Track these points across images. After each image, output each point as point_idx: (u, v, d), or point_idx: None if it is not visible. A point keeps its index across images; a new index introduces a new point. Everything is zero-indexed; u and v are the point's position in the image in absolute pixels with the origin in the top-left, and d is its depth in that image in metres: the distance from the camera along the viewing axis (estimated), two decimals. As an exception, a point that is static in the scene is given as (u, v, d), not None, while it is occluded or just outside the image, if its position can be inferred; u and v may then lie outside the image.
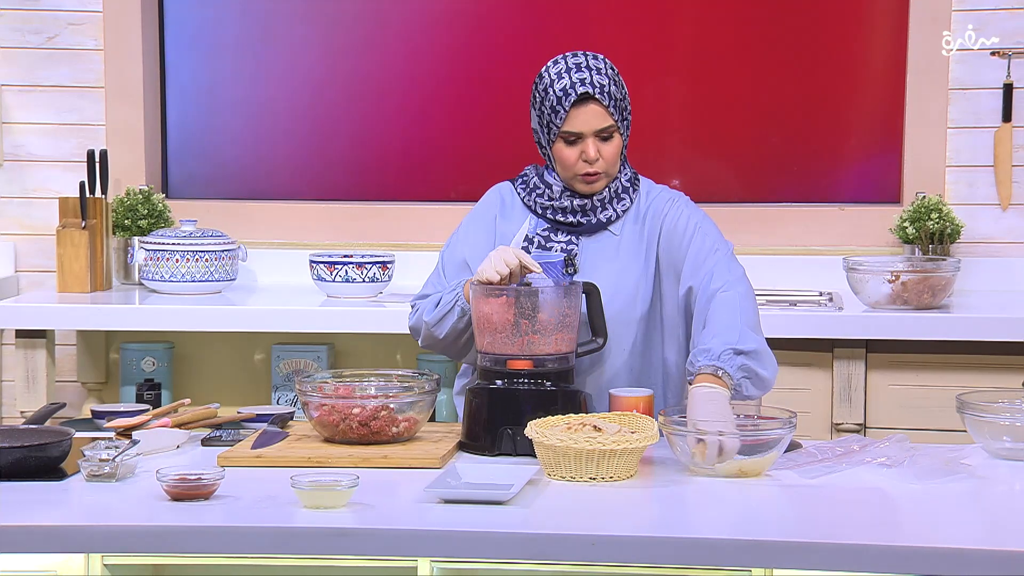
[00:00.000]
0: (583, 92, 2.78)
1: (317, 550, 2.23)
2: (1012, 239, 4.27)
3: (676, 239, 2.84)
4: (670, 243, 2.85)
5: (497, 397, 2.69)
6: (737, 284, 2.77)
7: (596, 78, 2.79)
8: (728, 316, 2.71)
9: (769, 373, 2.71)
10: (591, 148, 2.80)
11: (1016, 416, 2.63)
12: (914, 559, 2.11)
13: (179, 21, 4.60)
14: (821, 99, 4.38)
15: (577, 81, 2.79)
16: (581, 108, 2.79)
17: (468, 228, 2.95)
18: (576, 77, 2.79)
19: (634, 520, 2.33)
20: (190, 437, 2.79)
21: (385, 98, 4.56)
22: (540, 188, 2.89)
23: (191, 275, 4.12)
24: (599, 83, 2.79)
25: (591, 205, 2.85)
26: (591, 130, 2.79)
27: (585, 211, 2.86)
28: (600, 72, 2.80)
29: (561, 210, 2.86)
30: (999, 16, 4.23)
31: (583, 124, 2.79)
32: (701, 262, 2.80)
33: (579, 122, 2.79)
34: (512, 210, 2.93)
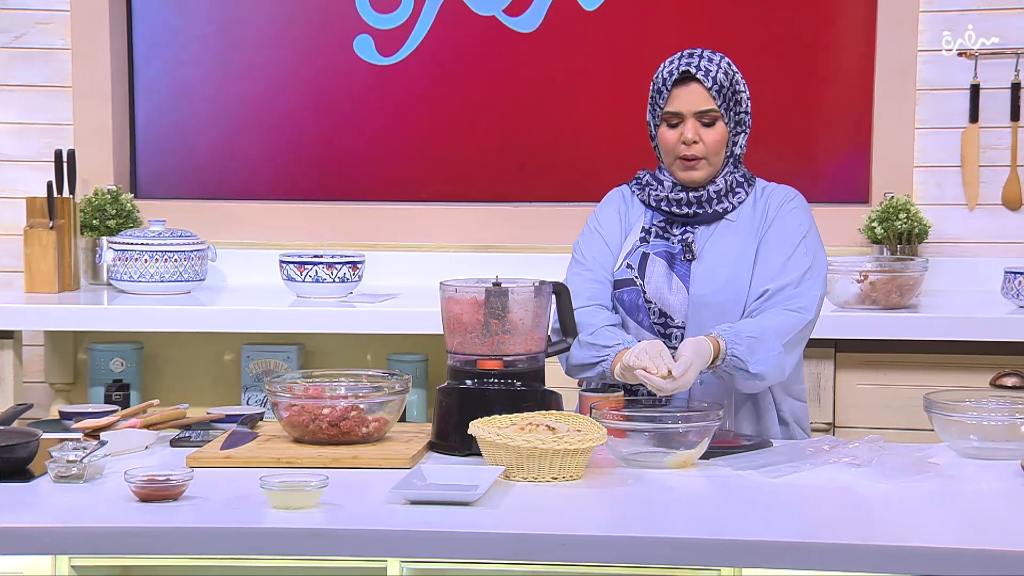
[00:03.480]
0: (684, 71, 2.84)
1: (286, 551, 2.22)
2: (979, 239, 4.30)
3: (778, 239, 2.87)
4: (772, 239, 2.88)
5: (467, 397, 2.69)
6: (804, 311, 2.82)
7: (704, 63, 2.85)
8: (768, 320, 2.78)
9: (760, 369, 2.74)
10: (689, 129, 2.85)
11: (983, 415, 2.65)
12: (884, 558, 2.12)
13: (147, 20, 4.59)
14: (790, 100, 4.40)
15: (684, 63, 2.86)
16: (683, 88, 2.85)
17: (600, 216, 3.00)
18: (684, 61, 2.87)
19: (602, 520, 2.34)
20: (159, 438, 2.77)
21: (355, 98, 4.56)
22: (653, 184, 2.95)
23: (160, 275, 4.10)
24: (705, 67, 2.85)
25: (707, 196, 2.89)
26: (691, 110, 2.85)
27: (700, 202, 2.90)
28: (711, 61, 2.86)
29: (676, 202, 2.91)
30: (968, 17, 4.26)
31: (683, 104, 2.85)
32: (789, 275, 2.84)
33: (680, 102, 2.86)
34: (632, 207, 2.98)
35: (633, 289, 2.89)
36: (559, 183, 4.49)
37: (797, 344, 2.84)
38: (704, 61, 2.86)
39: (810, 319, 2.85)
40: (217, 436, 2.76)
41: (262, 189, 4.60)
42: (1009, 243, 4.28)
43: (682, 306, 2.86)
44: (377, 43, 4.53)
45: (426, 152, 4.55)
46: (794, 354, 2.84)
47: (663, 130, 2.89)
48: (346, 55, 4.53)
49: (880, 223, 4.17)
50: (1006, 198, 4.29)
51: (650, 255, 2.90)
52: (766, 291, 2.84)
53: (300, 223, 4.50)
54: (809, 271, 2.86)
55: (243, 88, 4.58)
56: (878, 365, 3.83)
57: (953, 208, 4.32)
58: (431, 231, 4.47)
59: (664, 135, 2.89)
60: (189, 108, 4.60)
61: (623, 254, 2.94)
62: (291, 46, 4.56)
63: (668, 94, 2.86)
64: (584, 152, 4.47)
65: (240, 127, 4.59)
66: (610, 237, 2.96)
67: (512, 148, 4.52)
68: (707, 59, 2.87)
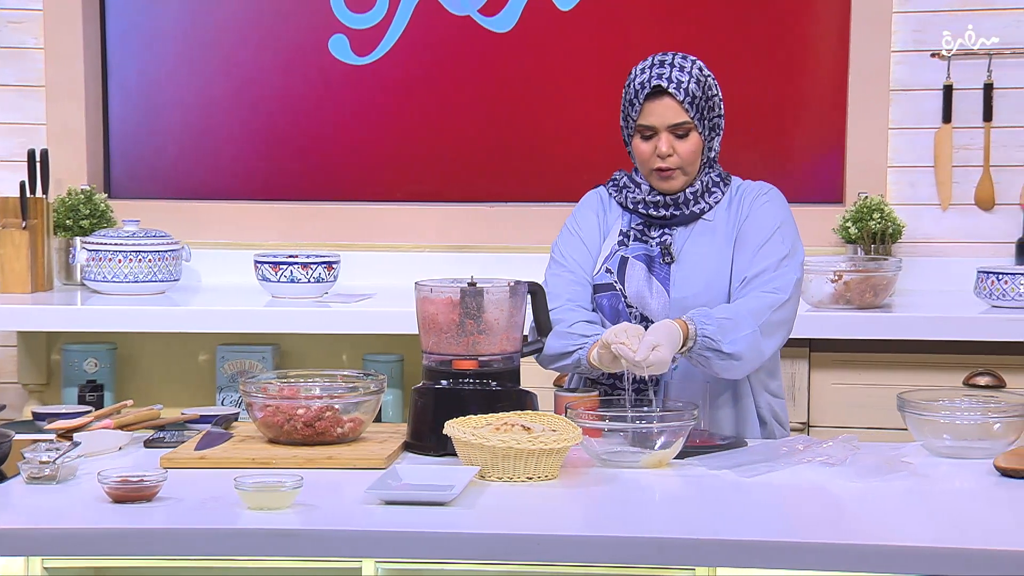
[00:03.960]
0: (656, 85, 2.83)
1: (261, 551, 2.22)
2: (952, 239, 4.32)
3: (752, 231, 2.87)
4: (747, 232, 2.88)
5: (442, 397, 2.69)
6: (779, 292, 2.81)
7: (675, 74, 2.83)
8: (741, 303, 2.79)
9: (735, 348, 2.73)
10: (664, 143, 2.84)
11: (956, 414, 2.66)
12: (858, 557, 2.13)
13: (120, 19, 4.57)
14: (764, 100, 4.41)
15: (655, 76, 2.84)
16: (655, 102, 2.84)
17: (578, 218, 2.99)
18: (655, 72, 2.84)
19: (577, 519, 2.34)
20: (133, 439, 2.77)
21: (330, 98, 4.55)
22: (630, 186, 2.94)
23: (134, 275, 4.09)
24: (676, 79, 2.83)
25: (683, 198, 2.89)
26: (664, 124, 2.84)
27: (677, 204, 2.90)
28: (683, 71, 2.84)
29: (653, 204, 2.90)
30: (938, 18, 4.28)
31: (656, 118, 2.84)
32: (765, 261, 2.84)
33: (652, 116, 2.84)
34: (610, 209, 2.98)
35: (613, 294, 2.89)
36: (534, 183, 4.49)
37: (776, 328, 2.80)
38: (675, 71, 2.84)
39: (784, 299, 2.81)
40: (191, 437, 2.75)
41: (237, 189, 4.59)
42: (982, 243, 4.30)
43: (663, 309, 2.86)
44: (352, 43, 4.52)
45: (401, 152, 4.55)
46: (773, 338, 2.80)
47: (637, 141, 2.88)
48: (321, 55, 4.52)
49: (854, 223, 4.18)
50: (979, 198, 4.31)
51: (629, 259, 2.90)
52: (744, 279, 2.84)
53: (275, 223, 4.49)
54: (786, 258, 2.85)
55: (217, 88, 4.57)
56: (852, 365, 3.85)
57: (926, 208, 4.34)
58: (406, 231, 4.47)
59: (638, 147, 2.88)
60: (163, 108, 4.59)
61: (602, 258, 2.93)
62: (266, 46, 4.55)
63: (640, 107, 2.85)
64: (560, 152, 4.48)
65: (214, 127, 4.58)
66: (589, 239, 2.96)
67: (487, 148, 4.52)
68: (678, 68, 2.84)
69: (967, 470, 2.57)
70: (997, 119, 4.28)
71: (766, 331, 2.77)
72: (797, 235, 2.91)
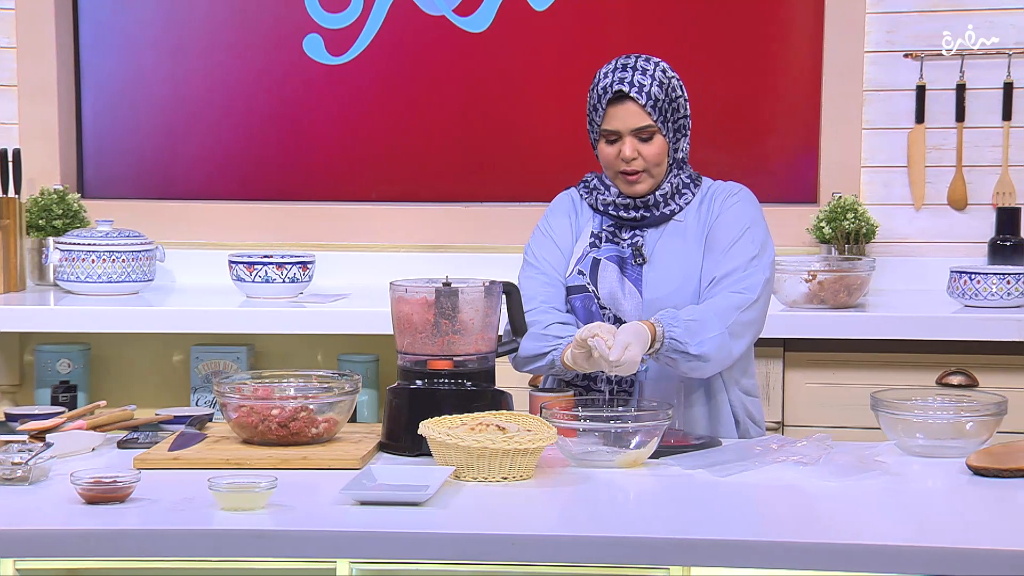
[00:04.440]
0: (618, 90, 2.83)
1: (235, 552, 2.21)
2: (925, 239, 4.34)
3: (722, 231, 2.88)
4: (717, 232, 2.89)
5: (417, 397, 2.69)
6: (747, 291, 2.82)
7: (637, 78, 2.83)
8: (708, 304, 2.79)
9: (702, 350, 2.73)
10: (627, 147, 2.84)
11: (929, 413, 2.67)
12: (831, 555, 2.13)
13: (94, 17, 4.55)
14: (739, 100, 4.42)
15: (617, 80, 2.84)
16: (618, 106, 2.84)
17: (550, 220, 3.00)
18: (617, 76, 2.84)
19: (552, 519, 2.34)
20: (106, 439, 2.76)
21: (305, 98, 4.54)
22: (600, 188, 2.94)
23: (107, 276, 4.07)
24: (639, 82, 2.83)
25: (654, 200, 2.90)
26: (627, 128, 2.84)
27: (648, 206, 2.90)
28: (645, 74, 2.84)
29: (623, 206, 2.91)
30: (911, 19, 4.30)
31: (619, 122, 2.84)
32: (734, 261, 2.84)
33: (615, 120, 2.85)
34: (582, 211, 2.98)
35: (586, 295, 2.89)
36: (509, 183, 4.49)
37: (745, 328, 2.81)
38: (638, 75, 2.83)
39: (752, 299, 2.81)
40: (165, 437, 2.74)
41: (211, 189, 4.58)
42: (955, 243, 4.32)
43: (636, 310, 2.86)
44: (327, 42, 4.51)
45: (376, 152, 4.54)
46: (742, 339, 2.81)
47: (602, 145, 2.89)
48: (295, 54, 4.52)
49: (828, 223, 4.20)
50: (952, 198, 4.33)
51: (601, 260, 2.90)
52: (713, 279, 2.85)
53: (249, 223, 4.48)
54: (755, 258, 2.86)
55: (191, 87, 4.55)
56: (826, 364, 3.86)
57: (900, 208, 4.36)
58: (381, 231, 4.46)
59: (603, 151, 2.89)
60: (137, 107, 4.57)
61: (574, 259, 2.94)
62: (240, 45, 4.54)
63: (604, 112, 2.85)
64: (534, 152, 4.48)
65: (189, 126, 4.57)
66: (561, 241, 2.96)
67: (462, 148, 4.52)
68: (640, 72, 2.84)
69: (940, 469, 2.58)
70: (969, 119, 4.30)
71: (734, 332, 2.78)
72: (768, 235, 2.91)
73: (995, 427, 2.68)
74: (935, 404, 2.72)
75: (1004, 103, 4.27)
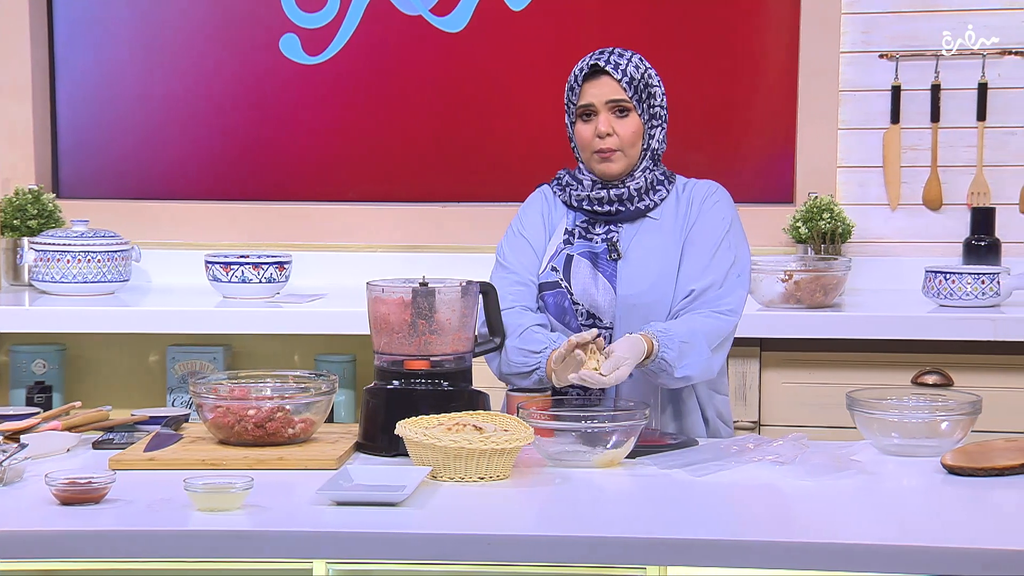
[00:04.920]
0: (594, 65, 2.87)
1: (211, 553, 2.20)
2: (901, 239, 4.36)
3: (702, 237, 2.89)
4: (697, 236, 2.90)
5: (394, 397, 2.69)
6: (732, 314, 2.86)
7: (614, 58, 2.88)
8: (697, 323, 2.80)
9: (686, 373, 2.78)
10: (603, 122, 2.87)
11: (904, 413, 2.68)
12: (807, 554, 2.14)
13: (69, 15, 4.53)
14: (715, 100, 4.43)
15: (594, 59, 2.89)
16: (594, 81, 2.88)
17: (523, 218, 3.00)
18: (595, 57, 2.90)
19: (528, 519, 2.34)
20: (81, 440, 2.74)
21: (281, 97, 4.53)
22: (573, 184, 2.95)
23: (83, 276, 4.06)
24: (615, 61, 2.88)
25: (627, 195, 2.90)
26: (602, 100, 2.87)
27: (621, 200, 2.91)
28: (621, 56, 2.89)
29: (597, 200, 2.91)
30: (887, 19, 4.32)
31: (594, 96, 2.88)
32: (713, 274, 2.86)
33: (590, 94, 2.88)
34: (555, 208, 2.99)
35: (559, 292, 2.90)
36: (486, 183, 4.49)
37: (724, 345, 2.87)
38: (614, 56, 2.89)
39: (736, 321, 2.88)
40: (141, 438, 2.73)
41: (187, 189, 4.57)
42: (930, 243, 4.34)
43: (610, 306, 2.87)
44: (303, 42, 4.50)
45: (353, 152, 4.54)
46: (721, 354, 2.87)
47: (579, 126, 2.91)
48: (272, 54, 4.51)
49: (804, 223, 4.21)
50: (927, 198, 4.35)
51: (574, 256, 2.91)
52: (691, 291, 2.86)
53: (226, 223, 4.47)
54: (733, 267, 2.88)
55: (167, 87, 4.54)
56: (802, 364, 3.87)
57: (875, 208, 4.37)
58: (358, 231, 4.46)
59: (579, 130, 2.91)
60: (112, 107, 4.55)
61: (547, 257, 2.94)
62: (216, 44, 4.53)
63: (580, 89, 2.89)
64: (511, 152, 4.48)
65: (164, 126, 4.55)
66: (534, 239, 2.97)
67: (439, 148, 4.52)
68: (617, 54, 2.89)
69: (915, 468, 2.59)
70: (944, 120, 4.32)
71: (717, 351, 2.84)
72: (743, 237, 2.94)
73: (970, 426, 2.70)
74: (910, 403, 2.73)
75: (978, 104, 4.29)
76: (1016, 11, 4.26)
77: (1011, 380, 3.79)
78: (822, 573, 2.15)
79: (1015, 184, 4.31)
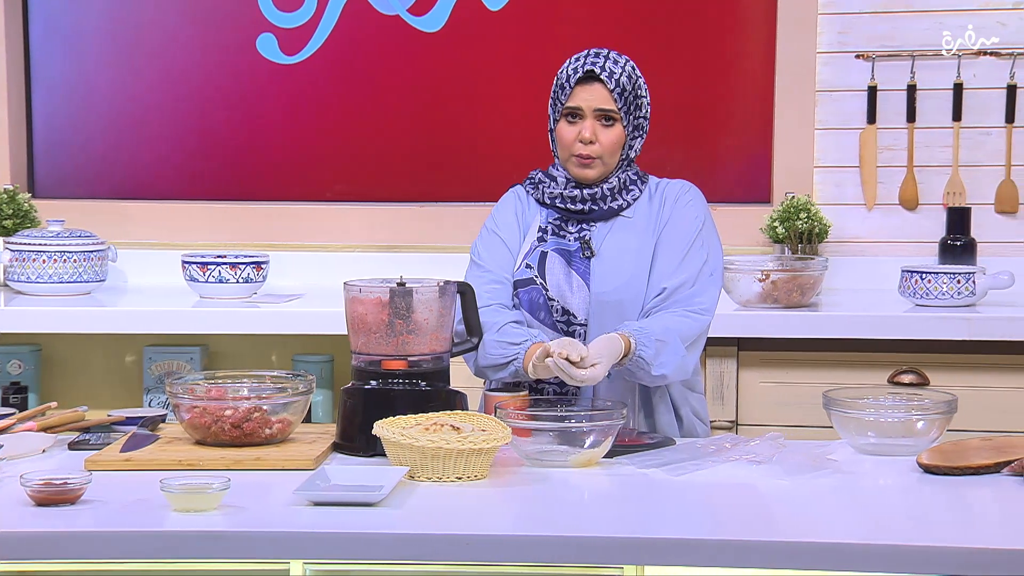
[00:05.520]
0: (589, 70, 2.87)
1: (188, 553, 2.20)
2: (877, 238, 4.37)
3: (674, 236, 2.90)
4: (670, 234, 2.91)
5: (372, 398, 2.68)
6: (706, 313, 2.86)
7: (609, 65, 2.87)
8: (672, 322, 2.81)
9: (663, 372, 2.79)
10: (588, 128, 2.87)
11: (880, 412, 2.69)
12: (784, 553, 2.15)
13: (44, 14, 4.51)
14: (692, 101, 4.44)
15: (589, 63, 2.88)
16: (586, 86, 2.88)
17: (497, 218, 3.00)
18: (590, 60, 2.89)
19: (506, 519, 2.34)
20: (57, 441, 2.73)
21: (258, 97, 4.52)
22: (546, 182, 2.96)
23: (59, 276, 4.04)
24: (610, 69, 2.87)
25: (600, 194, 2.91)
26: (591, 107, 2.87)
27: (595, 199, 2.91)
28: (616, 64, 2.88)
29: (570, 199, 2.92)
30: (863, 19, 4.33)
31: (584, 100, 2.87)
32: (685, 273, 2.87)
33: (580, 99, 2.87)
34: (529, 206, 3.00)
35: (534, 288, 2.90)
36: (464, 183, 4.49)
37: (698, 344, 2.88)
38: (609, 63, 2.88)
39: (709, 320, 2.89)
40: (117, 439, 2.72)
41: (164, 189, 4.55)
42: (906, 242, 4.36)
43: (584, 304, 2.88)
44: (280, 42, 4.50)
45: (330, 152, 4.53)
46: (695, 353, 2.88)
47: (562, 125, 2.91)
48: (249, 54, 4.50)
49: (781, 223, 4.22)
50: (903, 198, 4.37)
51: (548, 253, 2.91)
52: (663, 290, 2.87)
53: (203, 223, 4.45)
54: (705, 265, 2.89)
55: (144, 86, 4.52)
56: (780, 363, 3.88)
57: (852, 208, 4.39)
58: (335, 231, 4.45)
59: (562, 130, 2.91)
60: (88, 106, 4.54)
61: (522, 254, 2.95)
62: (193, 44, 4.51)
63: (571, 91, 2.88)
64: (489, 152, 4.48)
65: (141, 126, 4.54)
66: (508, 238, 2.97)
67: (417, 148, 4.51)
68: (612, 60, 2.89)
69: (891, 467, 2.60)
70: (920, 120, 4.34)
71: (691, 349, 2.85)
72: (715, 235, 2.95)
73: (945, 425, 2.71)
74: (886, 403, 2.74)
75: (954, 104, 4.31)
76: (991, 11, 4.28)
77: (986, 379, 3.81)
78: (799, 572, 2.16)
79: (990, 184, 4.33)
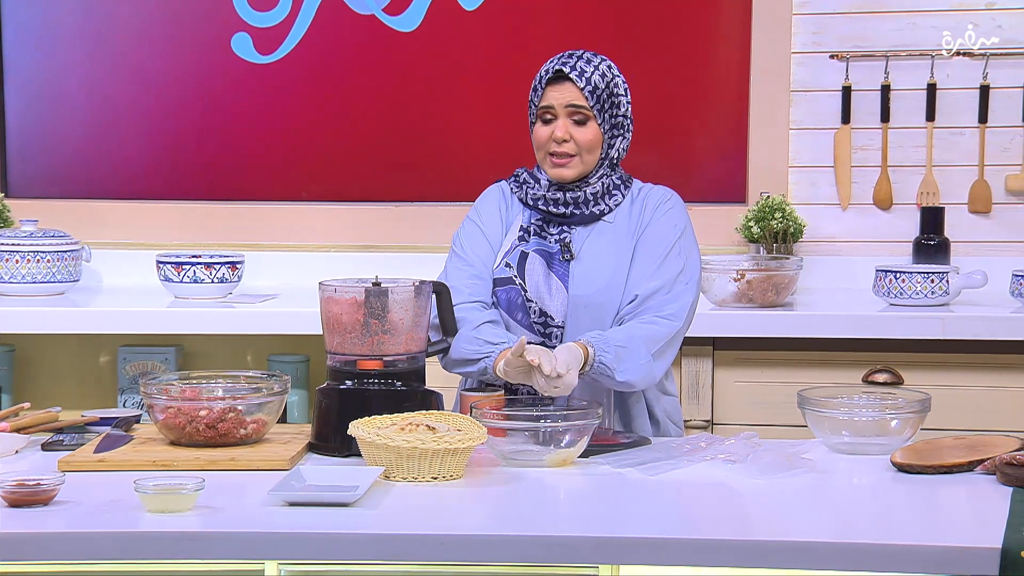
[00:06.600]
0: (558, 70, 2.88)
1: (162, 554, 2.19)
2: (852, 238, 4.39)
3: (652, 243, 2.90)
4: (648, 241, 2.91)
5: (347, 398, 2.68)
6: (674, 319, 2.85)
7: (580, 64, 2.88)
8: (636, 329, 2.81)
9: (627, 378, 2.78)
10: (560, 128, 2.87)
11: (854, 411, 2.70)
12: (758, 553, 2.15)
13: (17, 14, 4.49)
14: (667, 101, 4.45)
15: (560, 63, 2.90)
16: (556, 86, 2.89)
17: (480, 211, 3.00)
18: (562, 61, 2.90)
19: (481, 518, 2.34)
20: (30, 442, 2.72)
21: (233, 97, 4.51)
22: (530, 182, 2.96)
23: (32, 276, 4.02)
24: (580, 68, 2.88)
25: (583, 198, 2.91)
26: (562, 105, 2.87)
27: (577, 203, 2.91)
28: (589, 63, 2.89)
29: (553, 201, 2.92)
30: (837, 20, 4.35)
31: (554, 99, 2.88)
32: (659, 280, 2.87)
33: (551, 97, 2.89)
34: (512, 204, 3.00)
35: (512, 288, 2.90)
36: (439, 182, 4.48)
37: (667, 351, 2.87)
38: (581, 62, 2.89)
39: (679, 327, 2.87)
40: (91, 439, 2.71)
41: (138, 188, 4.54)
42: (880, 242, 4.37)
43: (562, 306, 2.88)
44: (255, 41, 4.48)
45: (305, 151, 4.52)
46: (664, 360, 2.86)
47: (537, 126, 2.92)
48: (223, 53, 4.48)
49: (756, 222, 4.23)
50: (877, 198, 4.38)
51: (529, 254, 2.91)
52: (636, 297, 2.87)
53: (177, 223, 4.44)
54: (681, 274, 2.89)
55: (118, 86, 4.51)
56: (755, 362, 3.89)
57: (826, 208, 4.40)
58: (311, 231, 4.44)
59: (537, 131, 2.92)
60: (61, 105, 4.52)
61: (502, 252, 2.95)
62: (167, 43, 4.50)
63: (543, 91, 2.90)
64: (464, 151, 4.48)
65: (115, 125, 4.52)
66: (491, 232, 2.97)
67: (392, 147, 4.51)
68: (585, 60, 2.89)
69: (865, 466, 2.61)
70: (894, 120, 4.36)
71: (658, 356, 2.84)
72: (695, 245, 2.95)
73: (919, 424, 2.72)
74: (860, 402, 2.75)
75: (928, 104, 4.33)
76: (964, 12, 4.30)
77: (960, 378, 3.82)
78: (773, 571, 2.17)
79: (964, 184, 4.35)
